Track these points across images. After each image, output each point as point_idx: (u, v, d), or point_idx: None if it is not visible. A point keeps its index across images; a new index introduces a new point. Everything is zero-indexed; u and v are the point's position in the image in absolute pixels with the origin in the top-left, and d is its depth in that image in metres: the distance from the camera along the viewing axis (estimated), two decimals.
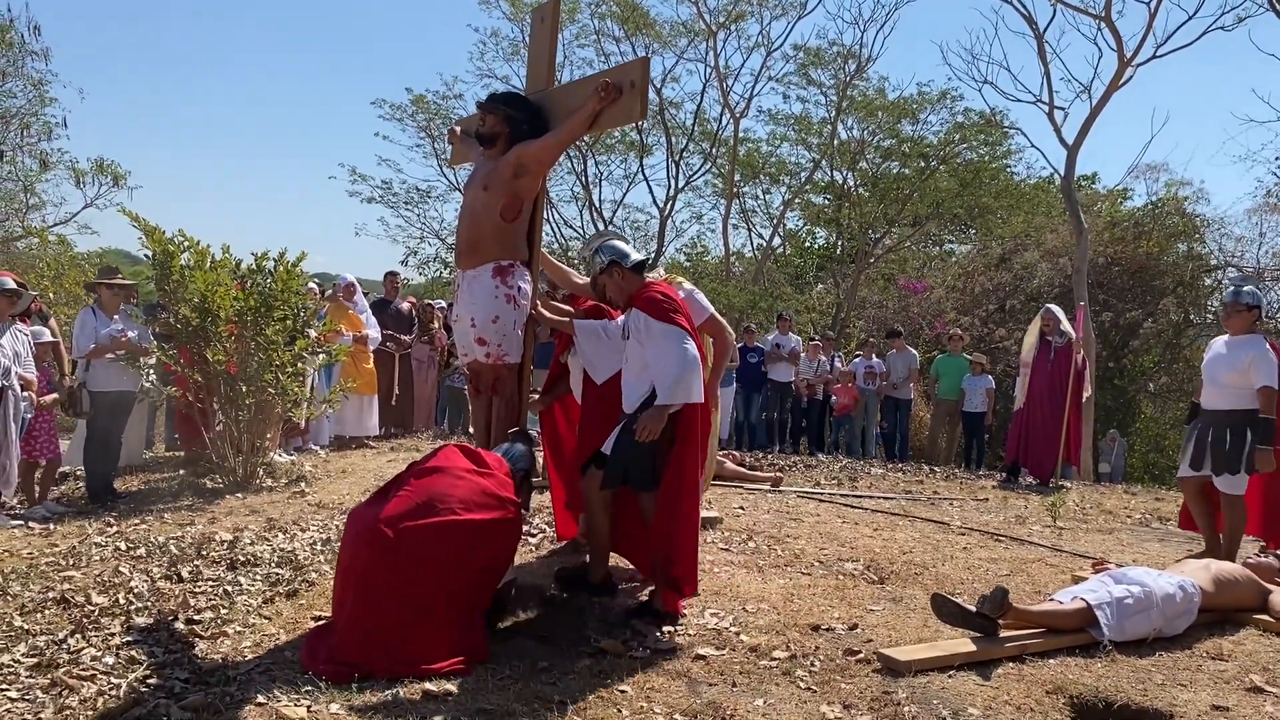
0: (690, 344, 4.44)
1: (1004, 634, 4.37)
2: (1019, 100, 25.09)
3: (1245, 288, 6.18)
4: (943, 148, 24.17)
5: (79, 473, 8.55)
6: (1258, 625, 4.88)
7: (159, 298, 9.15)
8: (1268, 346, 6.05)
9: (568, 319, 5.30)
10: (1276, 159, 27.26)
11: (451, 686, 3.80)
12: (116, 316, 8.08)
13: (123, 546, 5.88)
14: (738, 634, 4.49)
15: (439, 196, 27.37)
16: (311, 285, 9.46)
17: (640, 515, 4.69)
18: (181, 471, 8.78)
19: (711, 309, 5.87)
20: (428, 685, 3.77)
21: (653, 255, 25.58)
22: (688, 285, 6.05)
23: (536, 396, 5.72)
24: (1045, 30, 18.15)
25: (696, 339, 4.56)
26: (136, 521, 6.66)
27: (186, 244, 7.98)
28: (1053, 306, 11.24)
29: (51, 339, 8.42)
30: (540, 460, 7.44)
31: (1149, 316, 19.38)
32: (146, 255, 8.34)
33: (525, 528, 6.07)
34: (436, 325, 12.15)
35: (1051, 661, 4.22)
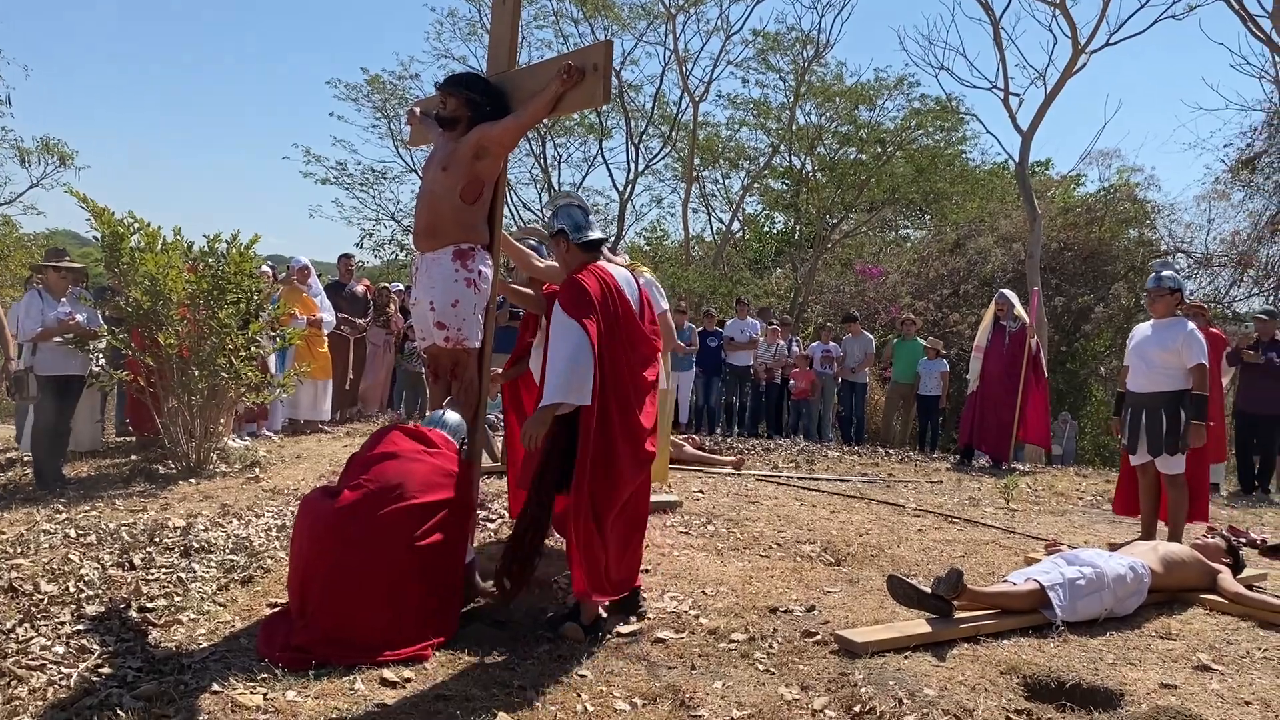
0: (586, 342, 4.08)
1: (959, 615, 4.42)
2: (975, 86, 25.46)
3: (1165, 273, 6.35)
4: (899, 133, 24.30)
5: (26, 458, 8.39)
6: (1205, 605, 4.98)
7: (109, 280, 8.99)
8: (1193, 326, 6.20)
9: (532, 295, 5.28)
10: (1225, 146, 27.74)
11: (409, 673, 3.79)
12: (64, 299, 7.92)
13: (72, 534, 5.77)
14: (697, 617, 4.51)
15: (394, 178, 27.00)
16: (265, 268, 9.33)
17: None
18: (133, 457, 8.64)
19: (665, 306, 5.86)
20: (385, 673, 3.75)
21: (611, 238, 25.53)
22: (649, 275, 6.03)
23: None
24: (1001, 17, 18.26)
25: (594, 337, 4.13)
26: (87, 508, 6.54)
27: (137, 226, 7.83)
28: (1006, 291, 11.37)
29: None
30: (500, 444, 7.42)
31: (1101, 301, 19.67)
32: (95, 237, 8.17)
33: (484, 513, 6.06)
34: (392, 309, 12.04)
35: (1005, 642, 4.28)
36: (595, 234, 4.53)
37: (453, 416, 4.69)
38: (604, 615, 4.39)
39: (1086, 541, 6.51)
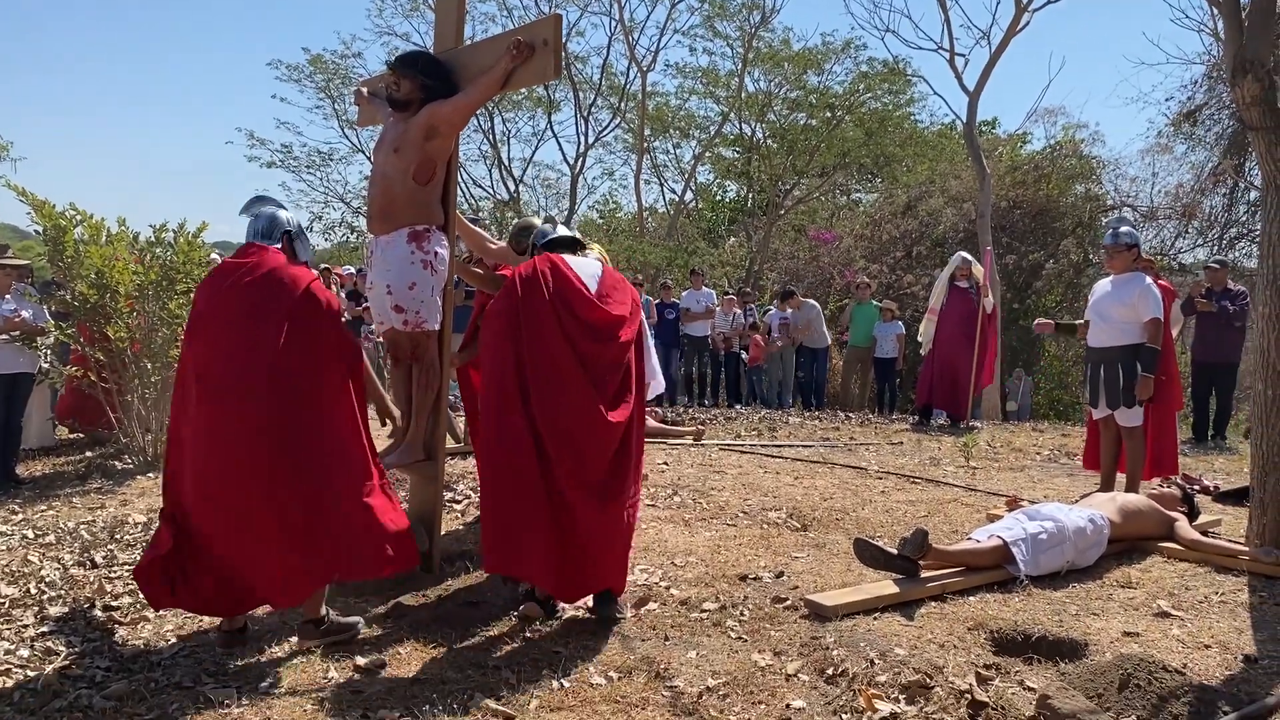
0: None
1: (925, 574, 4.49)
2: (921, 48, 25.58)
3: (1123, 229, 6.46)
4: (848, 98, 24.36)
5: None
6: (1163, 553, 5.10)
7: (53, 274, 8.80)
8: (1151, 281, 6.30)
9: (483, 275, 5.27)
10: (1167, 100, 28.13)
11: (384, 659, 3.78)
12: (8, 296, 7.75)
13: (30, 534, 5.69)
14: (668, 588, 4.54)
15: (342, 159, 26.64)
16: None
17: None
18: (88, 454, 8.50)
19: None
20: (359, 660, 3.74)
21: (567, 212, 25.40)
22: (595, 255, 5.95)
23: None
24: None
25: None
26: (44, 507, 6.44)
27: (80, 218, 7.66)
28: (965, 254, 11.46)
29: None
30: (461, 425, 7.39)
31: (1050, 258, 19.91)
32: (37, 231, 7.99)
33: (450, 494, 6.04)
34: (335, 290, 11.96)
35: (972, 599, 4.36)
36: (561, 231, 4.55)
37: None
38: None
39: (1046, 496, 6.63)
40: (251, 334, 3.73)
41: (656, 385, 4.50)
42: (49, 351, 7.98)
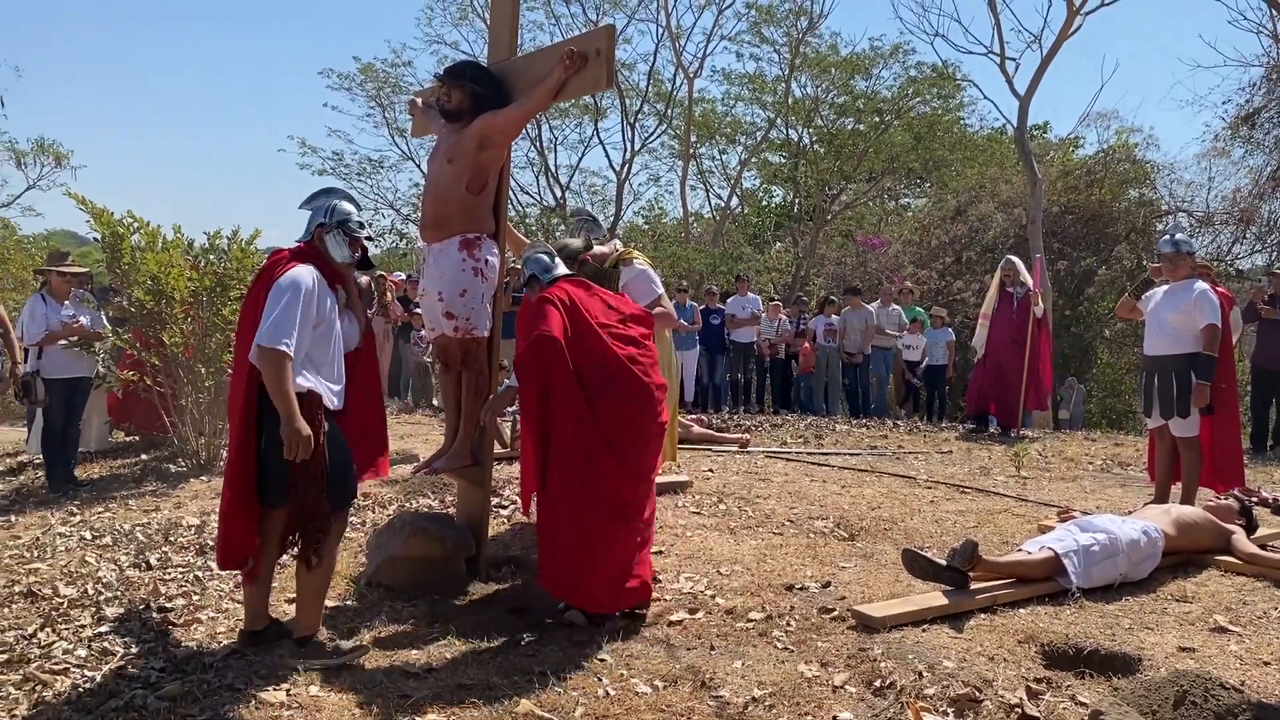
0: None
1: (975, 586, 4.43)
2: (970, 52, 25.33)
3: (1179, 236, 6.36)
4: (896, 102, 24.20)
5: (37, 461, 8.42)
6: (1220, 566, 4.98)
7: (110, 281, 8.98)
8: (1207, 287, 6.18)
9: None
10: (1224, 103, 27.59)
11: (431, 664, 3.81)
12: (67, 302, 7.93)
13: (88, 536, 5.80)
14: (713, 597, 4.52)
15: (392, 166, 27.00)
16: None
17: None
18: (143, 457, 8.67)
19: (659, 290, 5.84)
20: (407, 664, 3.77)
21: (612, 218, 25.47)
22: (640, 263, 5.99)
23: (505, 365, 5.69)
24: None
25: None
26: (100, 509, 6.57)
27: (136, 225, 7.82)
28: (1013, 258, 11.33)
29: None
30: (510, 430, 7.43)
31: (1103, 264, 19.60)
32: (95, 237, 8.17)
33: (496, 499, 6.07)
34: (390, 297, 12.06)
35: (1022, 611, 4.30)
36: (561, 270, 4.60)
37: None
38: None
39: (1099, 507, 6.51)
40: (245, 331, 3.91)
41: None
42: (105, 356, 8.15)
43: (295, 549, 3.99)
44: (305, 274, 3.79)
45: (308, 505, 3.82)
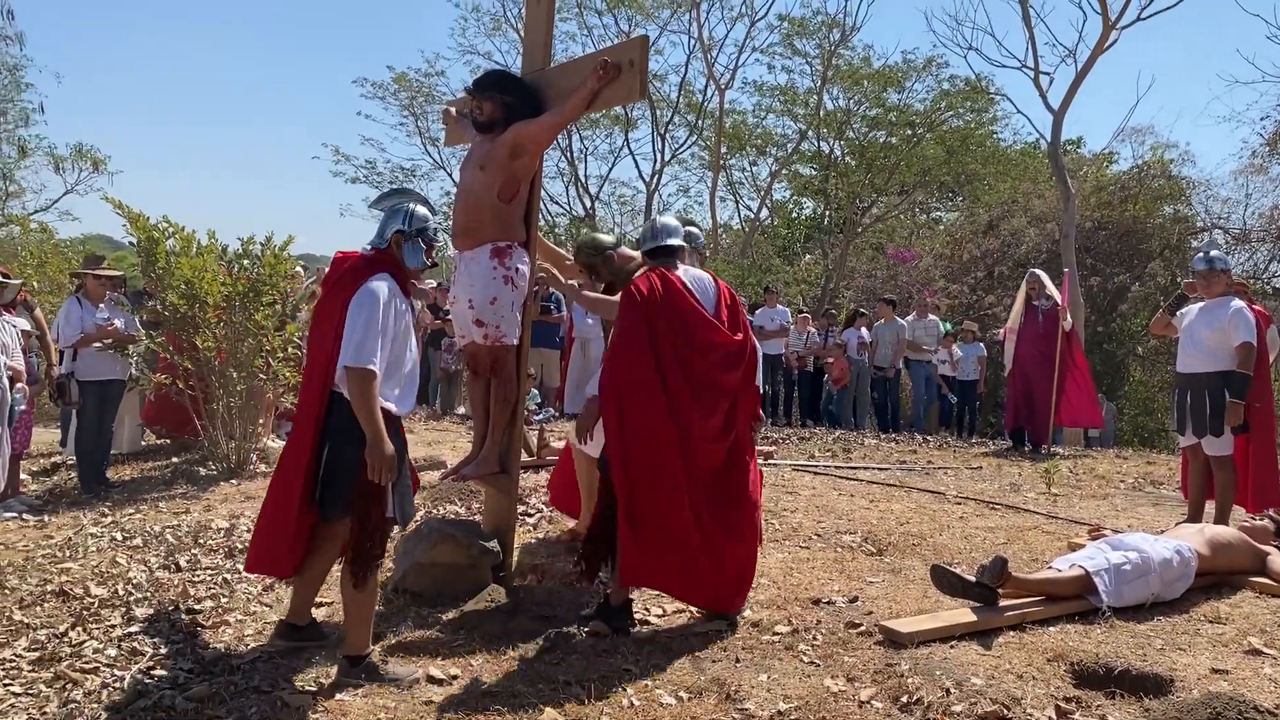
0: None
1: (1003, 603, 4.39)
2: (1004, 66, 25.08)
3: (1213, 253, 6.29)
4: (929, 115, 24.09)
5: (71, 462, 8.52)
6: (1254, 588, 4.91)
7: (145, 284, 9.09)
8: (1243, 304, 6.10)
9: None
10: (1262, 119, 27.28)
11: (456, 671, 3.81)
12: (102, 305, 8.02)
13: (119, 537, 5.86)
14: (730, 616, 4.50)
15: (424, 175, 27.16)
16: (298, 269, 9.41)
17: None
18: (174, 459, 8.75)
19: None
20: (432, 670, 3.78)
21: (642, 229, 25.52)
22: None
23: (532, 374, 5.69)
24: None
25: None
26: (131, 511, 6.63)
27: (171, 230, 7.91)
28: (1037, 270, 11.24)
29: (30, 329, 8.32)
30: (534, 439, 7.44)
31: (1136, 280, 19.41)
32: (130, 241, 8.26)
33: (522, 507, 6.08)
34: (419, 305, 12.11)
35: (1051, 629, 4.25)
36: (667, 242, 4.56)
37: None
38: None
39: (1130, 525, 6.44)
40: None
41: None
42: (139, 359, 8.24)
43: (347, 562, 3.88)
44: (383, 287, 3.75)
45: (372, 522, 3.77)
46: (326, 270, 4.13)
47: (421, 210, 4.00)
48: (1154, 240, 19.58)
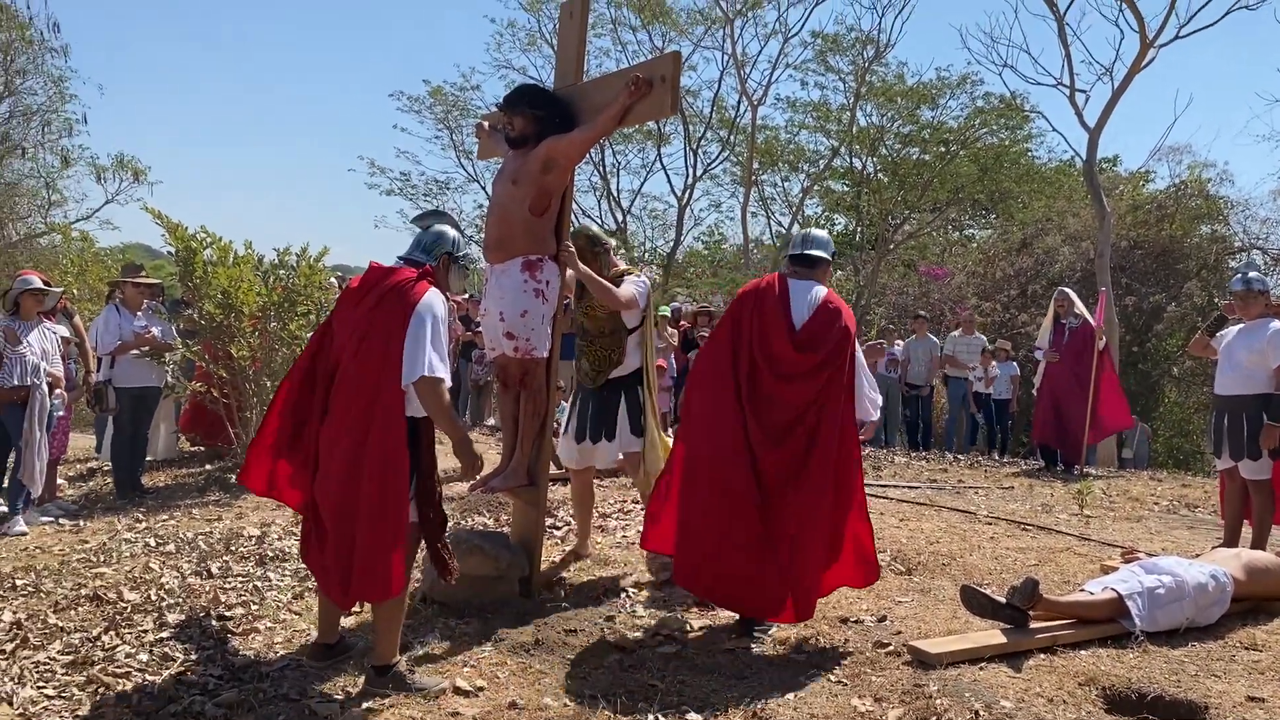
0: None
1: (1034, 625, 4.34)
2: (1039, 83, 24.94)
3: (1251, 274, 6.23)
4: (963, 132, 23.95)
5: (106, 468, 8.63)
6: None
7: (182, 293, 9.21)
8: None
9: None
10: None
11: (482, 682, 3.82)
12: (140, 313, 8.13)
13: (152, 543, 5.93)
14: (767, 628, 4.48)
15: (458, 188, 27.44)
16: (332, 280, 9.50)
17: None
18: (208, 467, 8.84)
19: (637, 293, 5.35)
20: (459, 682, 3.79)
21: (673, 243, 25.53)
22: (639, 277, 5.75)
23: (562, 386, 5.70)
24: (1066, 12, 17.80)
25: None
26: (165, 517, 6.71)
27: (209, 240, 8.02)
28: (1066, 289, 11.13)
29: (69, 335, 8.45)
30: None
31: (1173, 300, 19.17)
32: (169, 251, 8.38)
33: (550, 520, 6.08)
34: (452, 317, 12.18)
35: (1083, 653, 4.20)
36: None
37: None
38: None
39: (1164, 548, 6.35)
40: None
41: (865, 415, 4.50)
42: (175, 367, 8.34)
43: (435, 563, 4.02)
44: (439, 300, 3.81)
45: (437, 524, 3.92)
46: (352, 280, 4.13)
47: (459, 236, 4.14)
48: (1190, 260, 19.35)
